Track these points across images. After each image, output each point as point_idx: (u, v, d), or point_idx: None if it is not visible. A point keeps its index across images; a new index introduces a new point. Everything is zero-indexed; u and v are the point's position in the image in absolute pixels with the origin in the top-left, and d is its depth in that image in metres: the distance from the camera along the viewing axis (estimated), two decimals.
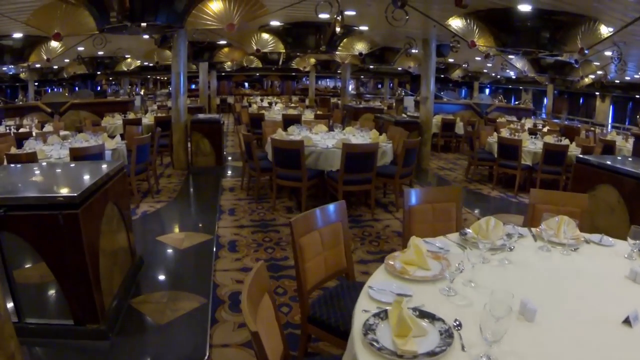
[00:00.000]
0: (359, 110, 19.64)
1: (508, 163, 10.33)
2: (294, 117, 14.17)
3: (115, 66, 19.97)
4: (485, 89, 36.63)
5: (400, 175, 8.27)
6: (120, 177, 5.13)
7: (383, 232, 7.36)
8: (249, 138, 8.49)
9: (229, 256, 6.14)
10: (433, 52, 12.93)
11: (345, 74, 22.12)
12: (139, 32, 6.75)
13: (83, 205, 3.87)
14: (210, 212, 8.15)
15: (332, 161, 8.04)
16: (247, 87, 39.22)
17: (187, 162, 11.76)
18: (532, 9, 8.38)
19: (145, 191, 9.33)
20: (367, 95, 36.04)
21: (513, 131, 12.39)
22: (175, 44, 11.15)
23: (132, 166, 8.23)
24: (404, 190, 4.40)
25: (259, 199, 8.86)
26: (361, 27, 11.30)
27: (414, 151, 8.58)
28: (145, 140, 8.55)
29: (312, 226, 3.54)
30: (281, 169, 7.97)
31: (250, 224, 7.48)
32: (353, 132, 9.81)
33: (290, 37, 11.07)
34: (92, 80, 31.18)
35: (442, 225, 4.44)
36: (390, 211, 8.49)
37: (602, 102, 28.40)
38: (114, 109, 15.51)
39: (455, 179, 11.79)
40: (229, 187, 9.93)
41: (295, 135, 9.39)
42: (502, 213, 8.72)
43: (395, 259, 3.17)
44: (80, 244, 3.86)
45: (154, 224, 7.68)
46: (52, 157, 7.62)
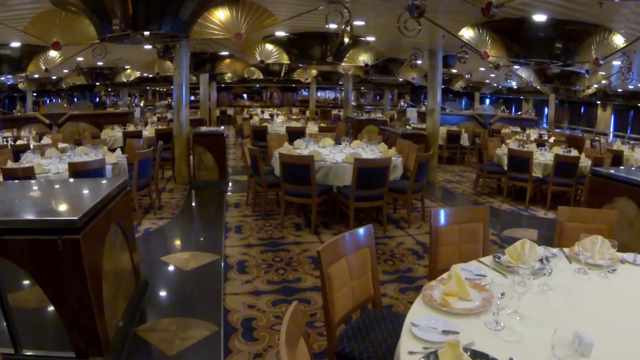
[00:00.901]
0: (362, 122, 19.39)
1: (518, 176, 10.07)
2: (298, 130, 13.92)
3: (114, 77, 19.66)
4: (486, 99, 36.44)
5: (412, 190, 7.98)
6: (124, 196, 4.81)
7: (397, 250, 7.06)
8: (255, 152, 8.17)
9: (239, 278, 5.82)
10: (439, 63, 12.69)
11: (348, 85, 21.89)
12: (141, 42, 6.43)
13: (85, 230, 3.55)
14: (215, 230, 7.83)
15: (343, 176, 7.75)
16: (247, 99, 38.93)
17: (190, 176, 11.44)
18: (546, 19, 8.10)
19: (148, 206, 9.02)
20: (368, 106, 35.83)
21: (522, 143, 12.12)
22: (178, 55, 10.87)
23: (133, 181, 7.92)
24: (432, 211, 4.10)
25: (266, 216, 8.55)
26: (368, 38, 11.02)
27: (426, 165, 8.30)
28: (147, 155, 8.25)
29: (340, 253, 3.23)
30: (290, 185, 7.65)
31: (259, 243, 7.16)
32: (361, 145, 9.52)
33: (296, 48, 10.77)
34: (90, 91, 30.90)
35: (469, 247, 4.23)
36: (402, 227, 8.18)
37: (604, 111, 28.27)
38: (113, 121, 15.31)
39: (464, 192, 11.51)
40: (233, 203, 9.62)
41: (303, 149, 9.09)
42: (515, 227, 8.47)
43: (433, 289, 2.88)
44: (82, 272, 3.54)
45: (158, 242, 7.35)
46: (50, 171, 7.34)
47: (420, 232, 7.93)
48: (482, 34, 8.64)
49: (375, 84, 30.29)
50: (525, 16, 8.11)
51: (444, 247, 4.12)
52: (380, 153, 8.84)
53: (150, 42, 6.51)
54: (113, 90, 32.60)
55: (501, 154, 10.88)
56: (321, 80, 23.97)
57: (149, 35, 5.94)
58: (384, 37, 11.09)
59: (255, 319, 4.80)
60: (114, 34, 5.69)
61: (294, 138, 10.86)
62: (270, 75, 19.26)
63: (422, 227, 8.21)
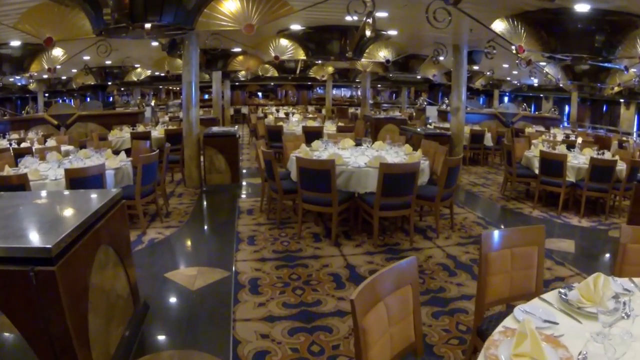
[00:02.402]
0: (380, 121, 18.69)
1: (551, 180, 9.35)
2: (315, 130, 13.25)
3: (124, 76, 19.13)
4: (505, 97, 35.68)
5: (441, 197, 7.30)
6: (117, 211, 4.16)
7: (426, 265, 6.38)
8: (269, 156, 7.50)
9: (251, 300, 5.16)
10: (464, 59, 12.00)
11: (366, 83, 21.25)
12: (143, 36, 5.78)
13: (62, 259, 2.91)
14: (226, 241, 7.17)
15: (366, 182, 7.07)
16: (261, 97, 38.31)
17: (200, 180, 10.80)
18: (590, 9, 7.38)
19: (154, 214, 8.40)
20: (385, 104, 35.17)
21: (551, 144, 11.41)
22: (186, 52, 10.24)
23: (137, 188, 7.29)
24: (483, 233, 3.43)
25: (281, 224, 7.88)
26: (389, 32, 10.31)
27: (457, 170, 7.61)
28: (152, 159, 7.60)
29: (378, 296, 2.57)
30: (308, 192, 6.97)
31: (274, 257, 6.49)
32: (384, 147, 8.85)
33: (312, 42, 10.08)
34: (103, 91, 30.37)
35: (522, 275, 3.62)
36: (429, 237, 7.51)
37: (627, 109, 27.47)
38: (123, 121, 14.74)
39: (491, 196, 10.81)
40: (246, 209, 8.95)
41: (321, 151, 8.42)
42: (549, 237, 7.72)
43: (499, 347, 2.24)
44: (59, 307, 2.90)
45: (162, 255, 6.70)
46: (47, 178, 6.77)
47: (450, 244, 7.25)
48: (516, 26, 7.93)
49: (393, 82, 29.59)
50: (566, 6, 7.41)
51: (494, 276, 3.50)
52: (405, 156, 8.17)
53: (153, 36, 5.85)
54: (125, 89, 32.18)
55: (531, 156, 10.21)
56: (337, 78, 23.35)
57: (149, 27, 5.30)
58: (406, 31, 10.39)
59: (269, 353, 4.14)
60: (110, 26, 5.04)
61: (310, 138, 10.24)
62: (285, 72, 18.63)
63: (451, 238, 7.54)
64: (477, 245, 7.19)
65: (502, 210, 9.68)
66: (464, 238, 7.57)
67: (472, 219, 8.77)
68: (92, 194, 4.48)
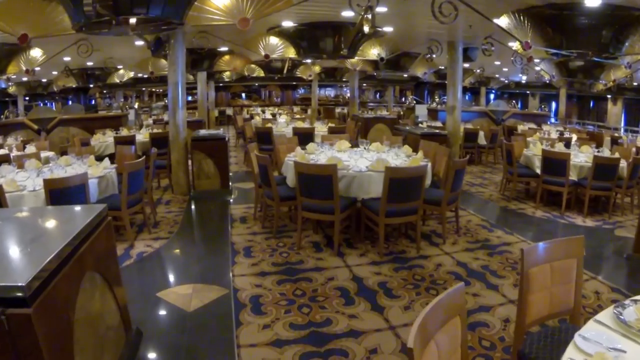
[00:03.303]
0: (370, 121, 18.32)
1: (553, 179, 9.04)
2: (307, 131, 12.78)
3: (107, 78, 18.55)
4: (491, 94, 35.48)
5: (447, 201, 6.88)
6: (104, 230, 3.66)
7: (437, 274, 5.95)
8: (265, 161, 7.01)
9: (254, 321, 4.68)
10: (460, 56, 11.64)
11: (354, 82, 20.82)
12: (127, 32, 5.28)
13: (39, 298, 2.42)
14: (221, 253, 6.68)
15: (368, 187, 6.63)
16: (245, 98, 37.75)
17: (189, 186, 10.29)
18: (600, 4, 7.02)
19: (141, 224, 7.88)
20: (371, 103, 34.84)
21: (550, 142, 11.03)
22: (173, 51, 9.73)
23: (123, 198, 6.79)
24: (524, 250, 3.02)
25: (278, 233, 7.40)
26: (385, 28, 9.86)
27: (462, 172, 7.18)
28: (138, 166, 7.07)
29: (428, 336, 2.15)
30: (308, 199, 6.50)
31: (274, 270, 6.01)
32: (382, 148, 8.41)
33: (304, 40, 9.59)
34: (85, 93, 29.76)
35: (561, 290, 3.30)
36: (435, 243, 7.08)
37: (614, 105, 27.40)
38: (106, 125, 14.18)
39: (491, 197, 10.42)
40: (239, 217, 8.45)
41: (318, 154, 7.96)
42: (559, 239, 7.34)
43: None
44: (39, 355, 2.42)
45: (153, 271, 6.19)
46: (25, 189, 6.25)
47: (458, 250, 6.84)
48: (522, 21, 7.53)
49: (379, 81, 29.23)
50: (575, 1, 7.04)
51: (534, 294, 3.16)
52: (406, 158, 7.74)
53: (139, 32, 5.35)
54: (108, 92, 31.54)
55: (530, 154, 9.87)
56: (324, 77, 22.92)
57: (135, 22, 4.82)
58: (401, 27, 9.96)
59: None
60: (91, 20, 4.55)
61: (302, 140, 9.78)
62: (272, 72, 18.16)
63: (458, 243, 7.13)
64: (487, 250, 6.85)
65: (504, 211, 9.31)
66: (471, 243, 7.18)
67: (475, 221, 8.37)
68: (74, 210, 3.97)
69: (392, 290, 5.43)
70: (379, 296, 5.28)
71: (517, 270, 6.05)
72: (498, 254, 6.72)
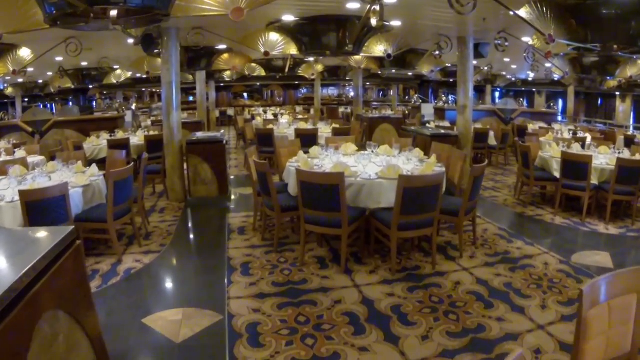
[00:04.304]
0: (375, 121, 17.74)
1: (574, 184, 8.51)
2: (310, 133, 12.15)
3: (103, 78, 17.96)
4: (496, 92, 34.90)
5: (465, 211, 6.27)
6: (71, 257, 3.03)
7: (456, 294, 5.34)
8: (264, 168, 6.38)
9: (251, 356, 4.05)
10: (471, 52, 11.02)
11: (358, 80, 20.23)
12: (107, 26, 4.67)
13: None
14: (216, 271, 6.05)
15: (379, 196, 6.01)
16: (247, 98, 37.22)
17: (184, 192, 9.68)
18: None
19: (131, 235, 7.28)
20: (375, 102, 34.30)
21: (567, 143, 10.43)
22: (166, 49, 9.13)
23: (109, 209, 6.19)
24: (583, 290, 2.44)
25: (279, 246, 6.78)
26: (393, 22, 9.22)
27: (481, 179, 6.59)
28: (125, 174, 6.45)
29: None
30: (312, 210, 5.87)
31: (274, 291, 5.38)
32: (391, 152, 7.81)
33: (306, 35, 8.94)
34: (84, 94, 29.21)
35: (620, 332, 2.70)
36: (452, 257, 6.47)
37: (623, 102, 26.79)
38: (102, 127, 13.63)
39: (506, 201, 9.81)
40: (237, 227, 7.83)
41: (322, 159, 7.35)
42: (582, 250, 6.85)
43: None
44: None
45: (140, 291, 5.56)
46: (4, 199, 5.69)
47: (477, 265, 6.23)
48: (544, 12, 6.91)
49: (383, 79, 28.67)
50: None
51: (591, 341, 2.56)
52: (418, 163, 7.14)
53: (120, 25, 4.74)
54: (108, 92, 31.04)
55: (547, 157, 9.28)
56: (327, 76, 22.33)
57: (115, 15, 4.22)
58: (410, 21, 9.32)
59: None
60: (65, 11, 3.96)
61: (305, 143, 9.23)
62: (273, 71, 17.56)
63: (476, 257, 6.52)
64: (508, 264, 6.24)
65: (521, 218, 8.71)
66: (490, 256, 6.56)
67: (492, 230, 7.77)
68: (33, 235, 3.29)
69: (407, 316, 4.81)
70: (393, 323, 4.66)
71: (543, 289, 5.49)
72: (520, 269, 6.11)
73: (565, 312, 4.92)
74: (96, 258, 6.46)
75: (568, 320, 4.73)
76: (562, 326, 4.63)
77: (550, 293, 5.39)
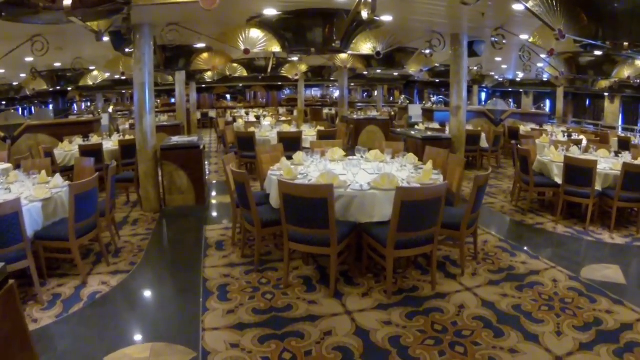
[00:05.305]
0: (361, 122, 17.14)
1: (577, 190, 7.96)
2: (293, 136, 11.51)
3: (79, 80, 17.22)
4: (482, 92, 34.49)
5: (467, 224, 5.66)
6: None
7: (460, 319, 4.72)
8: (243, 178, 5.70)
9: None
10: (465, 50, 10.45)
11: (343, 81, 19.65)
12: (62, 19, 4.01)
13: None
14: (190, 295, 5.36)
15: (371, 210, 5.37)
16: (230, 100, 36.62)
17: (159, 202, 8.97)
18: None
19: (99, 252, 6.57)
20: (359, 103, 33.84)
21: (566, 146, 9.89)
22: (138, 47, 8.44)
23: (70, 227, 5.50)
24: None
25: (261, 264, 6.10)
26: (384, 17, 8.55)
27: (485, 189, 5.98)
28: (89, 185, 5.75)
29: None
30: (296, 227, 5.20)
31: (255, 320, 4.70)
32: (382, 157, 7.21)
33: (290, 31, 8.24)
34: (63, 97, 28.35)
35: None
36: (452, 275, 5.85)
37: (611, 103, 26.47)
38: (78, 131, 12.90)
39: (503, 208, 9.23)
40: (215, 242, 7.12)
41: (307, 166, 6.69)
42: (590, 264, 6.31)
43: None
44: None
45: (105, 321, 4.82)
46: None
47: (480, 283, 5.62)
48: (553, 6, 6.31)
49: (368, 80, 28.14)
50: None
51: None
52: (414, 170, 6.53)
53: (77, 16, 4.09)
54: (88, 95, 30.25)
55: (547, 161, 8.78)
56: (310, 77, 21.71)
57: (70, 5, 3.58)
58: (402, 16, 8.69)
59: None
60: None
61: (289, 147, 8.66)
62: (255, 71, 16.85)
63: (479, 274, 5.92)
64: (514, 282, 5.64)
65: (521, 227, 8.13)
66: (494, 273, 5.96)
67: (493, 242, 7.18)
68: None
69: (409, 349, 4.16)
70: (393, 359, 4.03)
71: (556, 311, 4.90)
72: (528, 287, 5.52)
73: (583, 339, 4.34)
74: (59, 279, 5.76)
75: (588, 350, 4.18)
76: (581, 356, 4.06)
77: (564, 316, 4.81)
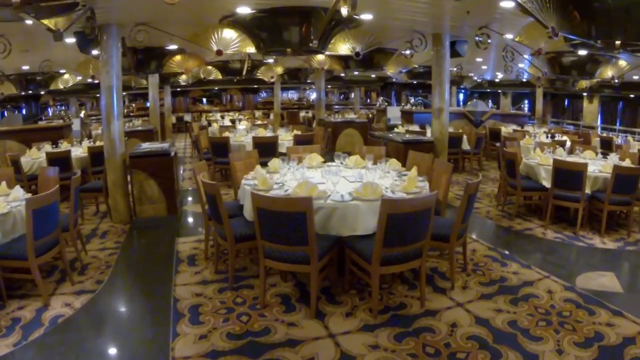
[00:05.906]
0: (339, 125, 16.78)
1: (567, 194, 7.71)
2: (269, 141, 11.09)
3: (49, 83, 16.68)
4: (460, 93, 34.40)
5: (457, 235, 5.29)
6: None
7: (453, 340, 4.34)
8: (213, 190, 5.24)
9: None
10: (447, 50, 10.12)
11: (321, 83, 19.27)
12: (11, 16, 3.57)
13: None
14: (159, 317, 4.90)
15: (355, 222, 4.95)
16: (205, 103, 36.17)
17: (129, 212, 8.48)
18: None
19: (63, 269, 6.06)
20: (336, 106, 33.58)
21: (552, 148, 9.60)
22: (105, 49, 7.97)
23: (28, 244, 5.02)
24: None
25: (235, 281, 5.64)
26: (363, 16, 8.15)
27: (475, 197, 5.61)
28: (48, 200, 5.27)
29: None
30: (272, 243, 4.76)
31: (229, 347, 4.24)
32: (362, 163, 6.84)
33: (264, 30, 7.81)
34: (36, 101, 27.70)
35: None
36: (441, 289, 5.47)
37: (590, 103, 26.52)
38: (48, 137, 12.34)
39: (489, 213, 8.94)
40: (187, 256, 6.66)
41: (283, 174, 6.25)
42: (585, 272, 6.06)
43: None
44: None
45: (66, 351, 4.32)
46: None
47: (472, 298, 5.26)
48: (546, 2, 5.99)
49: (345, 82, 27.85)
50: None
51: None
52: (397, 177, 6.16)
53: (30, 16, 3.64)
54: (61, 99, 29.61)
55: (534, 164, 8.53)
56: (287, 79, 21.35)
57: None
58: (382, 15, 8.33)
59: None
60: None
61: (264, 152, 8.40)
62: (230, 74, 16.46)
63: (470, 287, 5.55)
64: (508, 295, 5.27)
65: (510, 233, 7.85)
66: (486, 285, 5.61)
67: (482, 251, 6.85)
68: None
69: None
70: None
71: (554, 327, 4.57)
72: (523, 300, 5.19)
73: (585, 357, 4.03)
74: (19, 301, 5.24)
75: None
76: None
77: (563, 331, 4.48)
